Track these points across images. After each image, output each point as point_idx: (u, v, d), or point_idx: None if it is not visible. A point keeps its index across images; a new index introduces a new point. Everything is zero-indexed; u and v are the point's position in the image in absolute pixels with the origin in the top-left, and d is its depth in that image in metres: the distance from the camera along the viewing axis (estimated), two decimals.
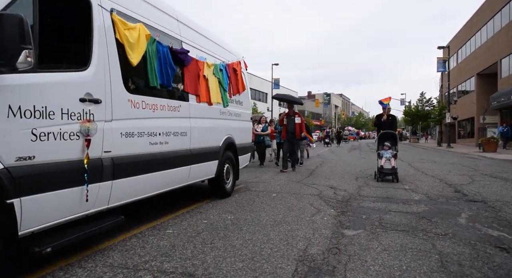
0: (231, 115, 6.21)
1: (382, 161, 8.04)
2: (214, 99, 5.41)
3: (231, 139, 6.15)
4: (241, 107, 6.88)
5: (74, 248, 3.33)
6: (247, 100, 7.44)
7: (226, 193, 5.96)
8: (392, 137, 8.46)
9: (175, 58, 4.38)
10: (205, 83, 5.18)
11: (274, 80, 42.19)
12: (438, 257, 3.15)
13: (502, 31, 25.16)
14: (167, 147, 4.19)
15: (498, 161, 14.43)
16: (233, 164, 6.31)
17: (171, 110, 4.33)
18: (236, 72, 6.42)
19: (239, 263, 2.97)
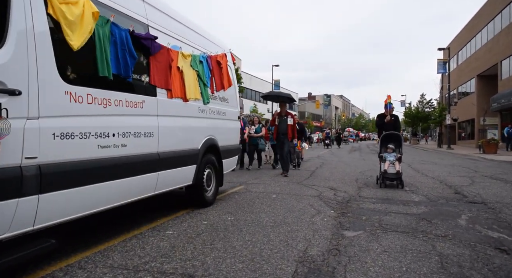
0: (213, 113, 5.52)
1: (386, 165, 7.28)
2: (191, 95, 4.75)
3: (213, 140, 5.46)
4: (226, 105, 6.14)
5: (74, 248, 3.33)
6: (234, 97, 6.69)
7: (206, 202, 5.22)
8: (396, 139, 7.79)
9: (138, 44, 3.72)
10: (180, 76, 4.51)
11: (274, 81, 42.23)
12: (438, 259, 3.15)
13: (502, 33, 25.18)
14: (125, 151, 3.46)
15: (498, 163, 14.43)
16: (216, 168, 5.62)
17: (131, 106, 3.59)
18: (220, 65, 5.72)
19: (239, 264, 2.97)
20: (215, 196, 5.59)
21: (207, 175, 5.31)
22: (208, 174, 5.36)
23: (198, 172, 5.00)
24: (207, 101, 5.23)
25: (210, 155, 5.40)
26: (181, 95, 4.54)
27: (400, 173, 7.18)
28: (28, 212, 2.53)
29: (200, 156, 5.02)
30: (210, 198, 5.37)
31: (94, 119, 3.14)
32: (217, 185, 5.72)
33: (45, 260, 3.02)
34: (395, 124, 8.09)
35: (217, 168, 5.66)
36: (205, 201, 5.22)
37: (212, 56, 5.52)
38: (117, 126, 3.38)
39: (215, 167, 5.59)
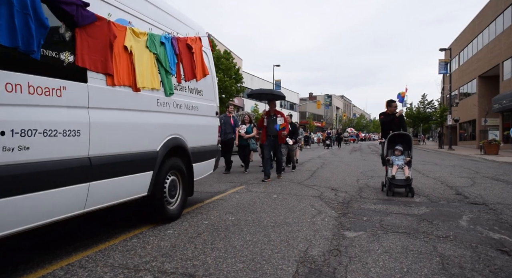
0: (180, 107, 4.56)
1: (393, 170, 6.37)
2: (146, 84, 3.87)
3: (180, 140, 4.52)
4: (199, 98, 5.17)
5: (75, 247, 3.34)
6: (211, 89, 5.64)
7: (168, 217, 4.27)
8: (405, 140, 6.84)
9: (58, 11, 2.86)
10: (127, 58, 3.61)
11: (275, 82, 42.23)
12: (439, 260, 3.14)
13: (504, 34, 25.14)
14: (26, 156, 2.53)
15: (499, 164, 14.41)
16: (183, 174, 4.67)
17: (38, 94, 2.66)
18: (191, 50, 4.85)
19: (239, 264, 2.97)
20: (181, 208, 4.60)
21: (171, 183, 4.38)
22: (172, 182, 4.43)
23: (157, 180, 4.03)
24: (170, 93, 4.30)
25: (175, 158, 4.47)
26: (128, 83, 3.60)
27: (410, 179, 6.27)
28: None
29: (159, 159, 4.03)
30: (174, 211, 4.40)
31: None
32: (185, 194, 4.71)
33: (46, 259, 3.03)
34: (402, 123, 7.30)
35: (185, 174, 4.70)
36: (166, 215, 4.24)
37: (180, 38, 4.62)
38: (9, 120, 2.43)
39: (182, 173, 4.64)
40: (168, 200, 4.34)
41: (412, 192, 6.26)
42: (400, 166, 6.43)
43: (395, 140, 6.79)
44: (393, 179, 6.32)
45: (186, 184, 4.74)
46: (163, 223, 4.20)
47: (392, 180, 6.32)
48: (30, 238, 3.68)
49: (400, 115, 7.27)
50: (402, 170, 6.38)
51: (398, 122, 7.16)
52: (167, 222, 4.25)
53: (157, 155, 4.03)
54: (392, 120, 7.08)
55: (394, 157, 6.64)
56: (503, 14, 25.36)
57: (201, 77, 5.15)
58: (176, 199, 4.54)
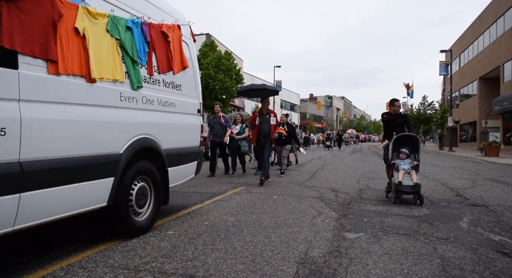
0: (151, 103, 3.98)
1: (400, 175, 5.79)
2: (105, 74, 3.31)
3: (151, 141, 3.95)
4: (177, 93, 4.57)
5: (75, 248, 3.34)
6: (192, 84, 5.02)
7: (136, 229, 3.69)
8: (412, 141, 6.25)
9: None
10: (79, 43, 3.04)
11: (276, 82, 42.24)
12: (440, 261, 3.14)
13: (505, 35, 25.14)
14: None
15: (500, 165, 14.39)
16: (155, 180, 4.06)
17: None
18: (167, 38, 4.32)
19: (240, 265, 2.97)
20: (153, 219, 4.00)
21: (139, 191, 3.79)
22: (141, 189, 3.84)
23: (119, 188, 3.44)
24: (138, 86, 3.72)
25: (145, 161, 3.91)
26: (80, 72, 3.04)
27: (419, 185, 5.69)
28: None
29: (123, 163, 3.45)
30: (143, 223, 3.81)
31: None
32: (157, 204, 4.11)
33: (46, 259, 3.03)
34: (407, 123, 6.71)
35: (159, 179, 4.12)
36: (133, 228, 3.65)
37: (153, 24, 4.09)
38: None
39: (154, 179, 4.05)
40: (136, 210, 3.74)
41: (421, 200, 5.68)
42: (407, 171, 5.86)
43: (400, 142, 6.20)
44: (399, 185, 5.72)
45: (159, 191, 4.12)
46: (130, 237, 3.62)
47: (398, 186, 5.72)
48: (30, 238, 3.68)
49: (404, 114, 6.74)
50: (409, 175, 5.80)
51: (402, 122, 6.63)
52: (134, 236, 3.66)
53: (119, 158, 3.41)
54: (395, 120, 6.56)
55: (399, 161, 6.07)
56: (504, 16, 25.37)
57: (179, 70, 4.59)
58: (145, 209, 3.92)
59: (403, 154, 6.13)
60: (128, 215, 3.60)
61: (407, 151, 6.14)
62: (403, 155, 6.12)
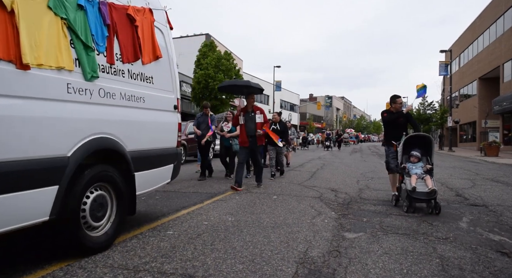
0: (111, 97, 3.40)
1: (413, 181, 5.14)
2: (45, 60, 2.75)
3: (111, 141, 3.38)
4: (147, 87, 4.01)
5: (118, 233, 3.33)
6: (168, 77, 4.47)
7: (90, 245, 3.12)
8: (425, 142, 5.55)
9: None
10: (5, 19, 2.49)
11: (275, 82, 42.24)
12: (439, 261, 3.14)
13: (505, 35, 25.15)
14: None
15: (499, 165, 14.40)
16: (118, 188, 3.47)
17: None
18: (134, 23, 3.75)
19: (239, 265, 2.97)
20: (114, 232, 3.42)
21: (95, 201, 3.23)
22: (99, 199, 3.27)
23: (66, 198, 2.87)
24: (92, 76, 3.15)
25: (104, 166, 3.35)
26: (7, 56, 2.49)
27: (436, 191, 5.02)
28: None
29: (71, 169, 2.88)
30: (101, 238, 3.25)
31: None
32: (120, 215, 3.50)
33: (45, 260, 3.02)
34: (411, 122, 6.06)
35: (122, 186, 3.52)
36: (87, 245, 3.08)
37: (115, 4, 3.54)
38: None
39: (116, 186, 3.45)
40: (90, 224, 3.17)
41: (438, 208, 4.98)
42: (420, 176, 5.24)
43: (411, 143, 5.54)
44: (413, 192, 5.03)
45: (123, 200, 3.54)
46: (82, 256, 3.08)
47: (412, 193, 5.03)
48: (30, 238, 3.68)
49: (407, 112, 6.10)
50: (423, 181, 5.16)
51: (405, 122, 5.99)
52: (90, 254, 3.12)
53: (66, 163, 2.85)
54: (396, 119, 5.89)
55: (410, 164, 5.42)
56: (504, 16, 25.38)
57: (151, 60, 4.04)
58: (105, 222, 3.37)
59: (414, 157, 5.43)
60: (79, 230, 3.03)
61: (419, 154, 5.46)
62: (414, 158, 5.43)
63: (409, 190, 5.08)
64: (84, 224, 3.13)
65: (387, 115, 6.03)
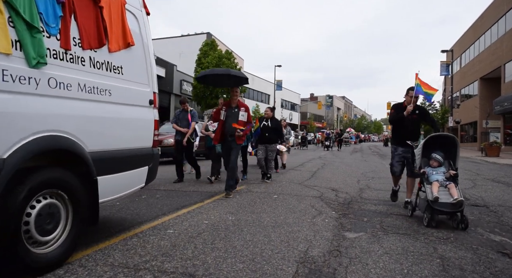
0: (66, 88, 2.90)
1: (434, 189, 4.41)
2: None
3: (65, 140, 2.87)
4: (115, 78, 3.48)
5: (75, 247, 3.33)
6: (142, 67, 3.95)
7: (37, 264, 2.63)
8: (448, 144, 4.80)
9: None
10: None
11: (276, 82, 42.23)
12: (440, 261, 3.14)
13: (506, 36, 25.12)
14: None
15: (500, 166, 14.38)
16: (75, 195, 2.95)
17: None
18: (98, 3, 3.28)
19: (239, 264, 2.97)
20: (70, 246, 2.92)
21: (43, 211, 2.71)
22: (48, 209, 2.76)
23: (1, 209, 2.41)
24: (38, 62, 2.66)
25: (57, 170, 2.88)
26: None
27: (463, 202, 4.27)
28: None
29: (7, 173, 2.41)
30: (52, 255, 2.76)
31: None
32: (78, 225, 3.00)
33: None
34: (427, 119, 5.35)
35: (81, 193, 3.01)
36: (31, 264, 2.59)
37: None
38: None
39: (72, 193, 2.93)
40: (36, 239, 2.65)
41: (466, 222, 4.20)
42: (442, 183, 4.52)
43: (430, 145, 4.79)
44: (435, 203, 4.28)
45: (81, 208, 3.01)
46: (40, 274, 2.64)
47: (434, 204, 4.28)
48: None
49: (422, 108, 5.44)
50: (446, 189, 4.47)
51: (418, 119, 5.28)
52: (37, 275, 2.64)
53: (1, 166, 2.38)
54: (405, 116, 5.15)
55: (430, 169, 4.71)
56: (506, 16, 25.34)
57: (120, 47, 3.53)
58: (57, 235, 2.84)
59: (434, 160, 4.72)
60: (20, 246, 2.50)
61: (440, 157, 4.72)
62: (434, 162, 4.72)
63: (430, 200, 4.29)
64: (28, 239, 2.59)
65: (394, 112, 5.33)
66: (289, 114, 55.68)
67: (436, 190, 4.41)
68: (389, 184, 8.02)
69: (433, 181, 4.56)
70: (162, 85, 22.18)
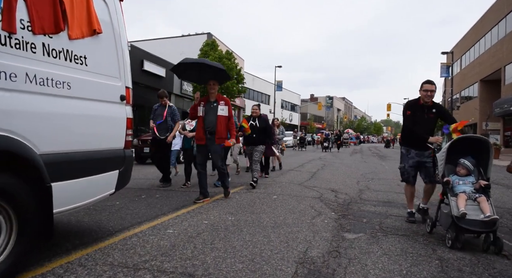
0: (10, 79, 2.47)
1: (460, 202, 3.62)
2: None
3: (8, 141, 2.42)
4: (77, 69, 3.03)
5: (74, 246, 3.34)
6: (112, 59, 3.48)
7: None
8: (479, 149, 3.98)
9: None
10: None
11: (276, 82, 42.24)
12: (439, 262, 3.14)
13: (506, 38, 25.14)
14: None
15: (500, 168, 14.37)
16: (20, 206, 2.51)
17: None
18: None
19: (239, 264, 2.97)
20: (10, 269, 2.48)
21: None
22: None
23: None
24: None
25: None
26: None
27: (496, 220, 3.48)
28: None
29: None
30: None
31: None
32: (29, 240, 2.60)
33: (45, 257, 3.03)
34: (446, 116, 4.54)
35: (29, 202, 2.56)
36: None
37: None
38: None
39: (16, 203, 2.49)
40: None
41: (500, 245, 3.41)
42: (471, 196, 3.69)
43: (456, 148, 3.96)
44: (462, 219, 3.48)
45: (29, 221, 2.58)
46: None
47: (460, 220, 3.49)
48: None
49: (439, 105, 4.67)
50: (475, 203, 3.65)
51: (435, 119, 4.51)
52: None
53: None
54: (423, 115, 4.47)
55: (456, 178, 3.91)
56: (506, 19, 25.37)
57: (83, 34, 3.09)
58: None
59: (462, 167, 3.91)
60: None
61: (470, 164, 3.90)
62: (462, 169, 3.91)
63: (456, 216, 3.52)
64: None
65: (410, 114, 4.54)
66: (289, 115, 55.67)
67: (463, 203, 3.61)
68: (388, 185, 8.04)
69: (459, 192, 3.75)
70: (162, 85, 22.17)
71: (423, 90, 4.47)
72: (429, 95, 4.44)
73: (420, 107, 4.51)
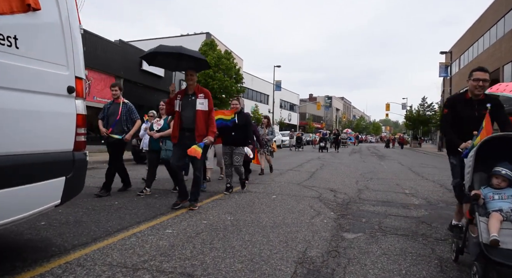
0: None
1: (492, 225, 2.52)
2: None
3: None
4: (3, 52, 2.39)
5: (73, 246, 3.33)
6: (56, 43, 2.88)
7: None
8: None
9: None
10: None
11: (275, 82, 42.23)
12: (438, 262, 3.14)
13: (505, 38, 25.19)
14: None
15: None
16: None
17: None
18: None
19: (238, 264, 2.97)
20: None
21: None
22: None
23: None
24: None
25: None
26: None
27: None
28: None
29: None
30: None
31: None
32: None
33: (44, 257, 3.02)
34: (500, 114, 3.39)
35: None
36: None
37: None
38: None
39: None
40: None
41: None
42: (509, 216, 2.65)
43: (488, 151, 2.98)
44: (492, 250, 2.43)
45: None
46: None
47: (490, 250, 2.43)
48: (28, 235, 3.67)
49: (495, 100, 3.45)
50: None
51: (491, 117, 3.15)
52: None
53: None
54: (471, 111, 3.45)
55: (490, 191, 2.88)
56: (504, 18, 25.41)
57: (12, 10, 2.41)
58: None
59: (499, 177, 2.88)
60: None
61: (509, 172, 2.86)
62: (499, 179, 2.88)
63: (485, 243, 2.47)
64: None
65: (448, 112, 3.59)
66: (288, 115, 55.69)
67: (497, 226, 2.52)
68: (387, 185, 8.04)
69: (492, 211, 2.72)
70: (161, 85, 22.14)
71: (472, 80, 3.39)
72: (480, 86, 3.36)
73: (467, 102, 3.46)
